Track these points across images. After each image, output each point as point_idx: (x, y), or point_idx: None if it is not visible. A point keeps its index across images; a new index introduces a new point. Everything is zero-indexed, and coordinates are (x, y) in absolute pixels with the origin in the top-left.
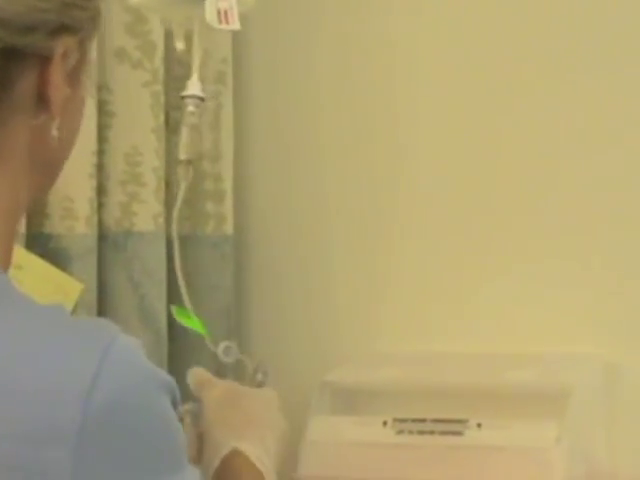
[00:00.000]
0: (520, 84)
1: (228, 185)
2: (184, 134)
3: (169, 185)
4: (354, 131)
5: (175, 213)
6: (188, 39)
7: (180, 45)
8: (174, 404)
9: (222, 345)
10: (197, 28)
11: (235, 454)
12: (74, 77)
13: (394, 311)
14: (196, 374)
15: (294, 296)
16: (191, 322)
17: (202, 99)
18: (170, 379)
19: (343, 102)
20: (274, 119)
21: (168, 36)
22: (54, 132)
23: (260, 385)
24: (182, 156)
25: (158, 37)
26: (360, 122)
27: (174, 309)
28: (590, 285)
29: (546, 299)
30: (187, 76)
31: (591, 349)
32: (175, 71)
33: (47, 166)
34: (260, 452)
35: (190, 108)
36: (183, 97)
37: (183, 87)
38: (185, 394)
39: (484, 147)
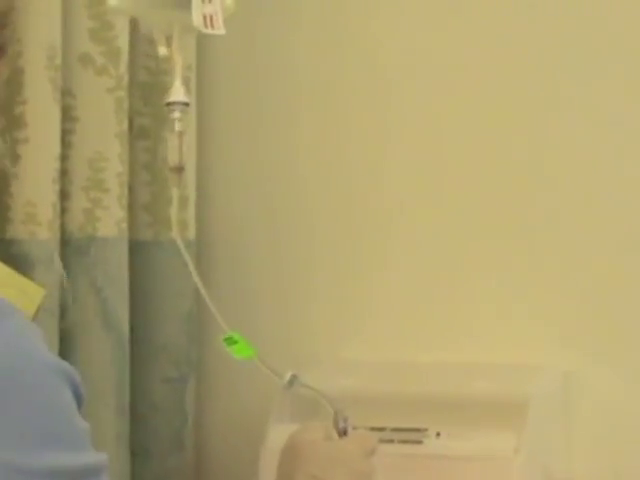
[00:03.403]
0: (507, 84)
1: (191, 191)
2: (171, 141)
3: (132, 191)
4: (326, 134)
5: (173, 218)
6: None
7: (163, 50)
8: (75, 392)
9: (288, 375)
10: (177, 33)
11: None
12: None
13: (360, 318)
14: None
15: (258, 300)
16: (241, 350)
17: (187, 104)
18: (69, 368)
19: (313, 105)
20: (237, 125)
21: (133, 42)
22: None
23: (343, 433)
24: (171, 163)
25: (123, 43)
26: (335, 123)
27: (223, 339)
28: (548, 296)
29: (504, 310)
30: (153, 82)
31: (549, 359)
32: (140, 77)
33: None
34: None
35: (176, 114)
36: (168, 104)
37: (148, 94)
38: (144, 399)
39: (471, 155)
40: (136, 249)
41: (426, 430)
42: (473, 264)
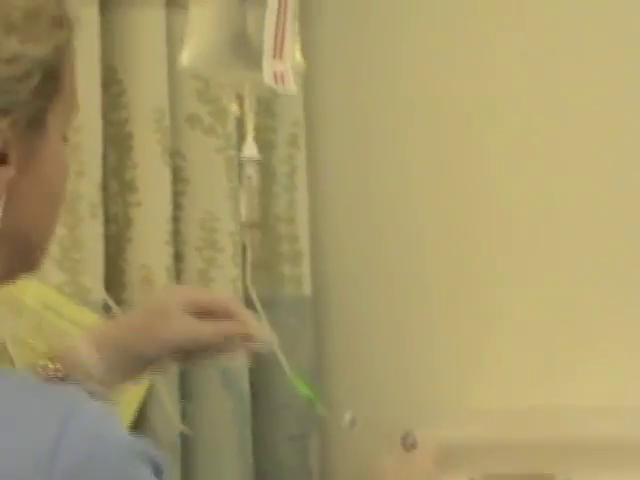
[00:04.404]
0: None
1: (304, 246)
2: (243, 198)
3: (246, 249)
4: (439, 184)
5: (249, 275)
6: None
7: (234, 108)
8: (156, 469)
9: (347, 416)
10: (248, 92)
11: None
12: (12, 157)
13: (480, 366)
14: None
15: (377, 352)
16: (305, 390)
17: (259, 162)
18: (147, 447)
19: (421, 157)
20: (347, 179)
21: (241, 100)
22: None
23: (413, 447)
24: (244, 219)
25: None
26: (445, 173)
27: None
28: None
29: (632, 350)
30: (261, 139)
31: None
32: None
33: (13, 240)
34: None
35: (248, 172)
36: (241, 161)
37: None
38: (267, 457)
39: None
40: (252, 307)
41: (554, 477)
42: (598, 304)
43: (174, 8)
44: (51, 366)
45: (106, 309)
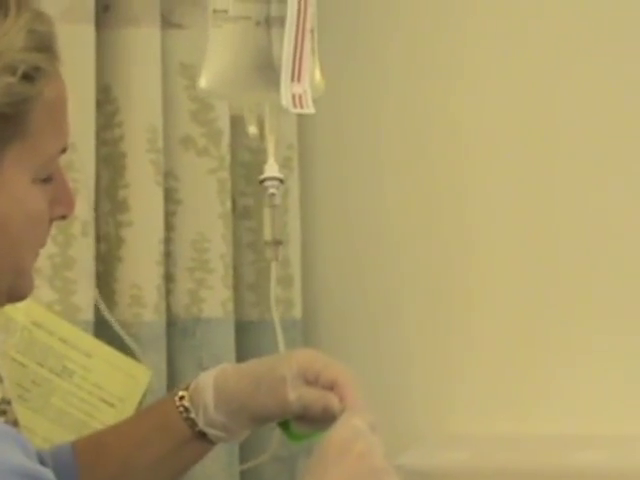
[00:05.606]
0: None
1: (295, 269)
2: (267, 216)
3: (237, 271)
4: (422, 212)
5: (272, 294)
6: (259, 124)
7: (253, 130)
8: None
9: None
10: (268, 112)
11: None
12: None
13: (466, 392)
14: None
15: (364, 379)
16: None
17: (282, 181)
18: (35, 470)
19: (410, 184)
20: (340, 203)
21: (234, 123)
22: None
23: None
24: (267, 237)
25: (224, 124)
26: (428, 202)
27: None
28: None
29: (618, 378)
30: (254, 161)
31: None
32: (241, 157)
33: None
34: None
35: (271, 190)
36: (262, 181)
37: (250, 173)
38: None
39: (558, 218)
40: (242, 329)
41: None
42: (578, 330)
43: (170, 28)
44: (186, 399)
45: (97, 328)
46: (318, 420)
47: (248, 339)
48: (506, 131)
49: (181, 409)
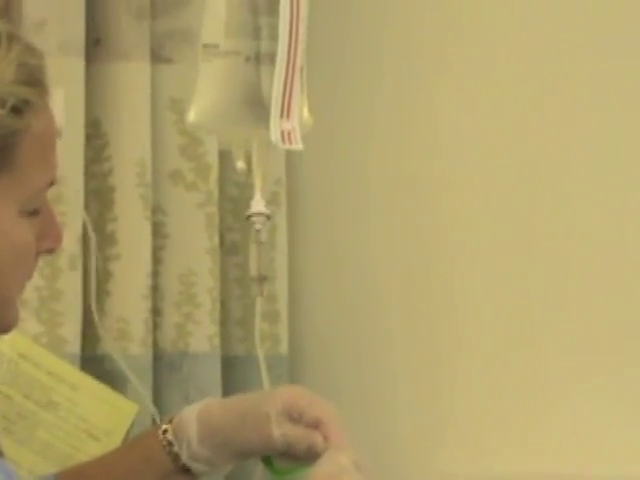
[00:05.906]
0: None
1: (282, 305)
2: (253, 252)
3: (224, 306)
4: (409, 247)
5: (257, 330)
6: (247, 159)
7: (241, 164)
8: None
9: None
10: (256, 147)
11: None
12: None
13: (456, 430)
14: None
15: (352, 417)
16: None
17: (268, 216)
18: None
19: (397, 221)
20: (327, 238)
21: (222, 157)
22: None
23: None
24: (253, 272)
25: (213, 159)
26: (416, 237)
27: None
28: None
29: (616, 416)
30: (242, 197)
31: None
32: (229, 192)
33: None
34: None
35: (257, 226)
36: (248, 216)
37: (238, 208)
38: None
39: (544, 254)
40: (229, 364)
41: None
42: (566, 369)
43: (160, 63)
44: (170, 433)
45: (83, 361)
46: (302, 457)
47: (235, 374)
48: (495, 166)
49: (164, 443)
